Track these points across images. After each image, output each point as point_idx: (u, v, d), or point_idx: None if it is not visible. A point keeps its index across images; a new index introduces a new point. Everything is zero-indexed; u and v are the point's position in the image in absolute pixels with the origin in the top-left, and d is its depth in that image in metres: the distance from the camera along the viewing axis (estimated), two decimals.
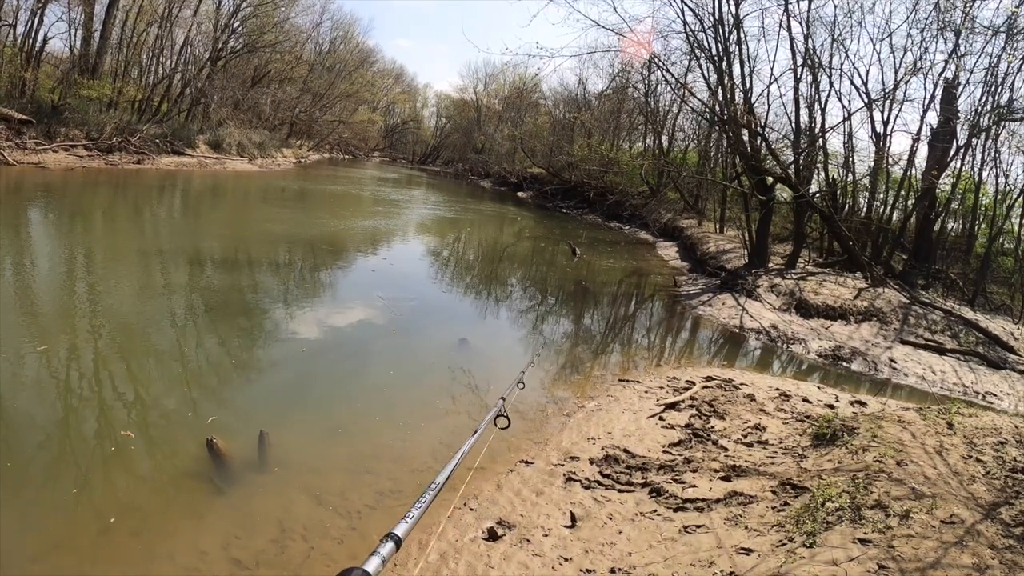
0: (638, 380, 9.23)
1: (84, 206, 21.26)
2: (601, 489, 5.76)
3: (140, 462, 6.04)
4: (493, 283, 17.13)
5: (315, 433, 6.87)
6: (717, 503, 5.26)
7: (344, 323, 11.13)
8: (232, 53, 43.94)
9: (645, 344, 12.41)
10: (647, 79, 31.84)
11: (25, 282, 11.97)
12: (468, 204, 38.99)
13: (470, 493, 5.79)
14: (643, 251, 23.81)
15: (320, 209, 28.14)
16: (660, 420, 7.50)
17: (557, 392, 8.77)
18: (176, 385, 7.90)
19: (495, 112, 72.32)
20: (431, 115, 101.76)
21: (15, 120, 28.13)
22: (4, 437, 6.30)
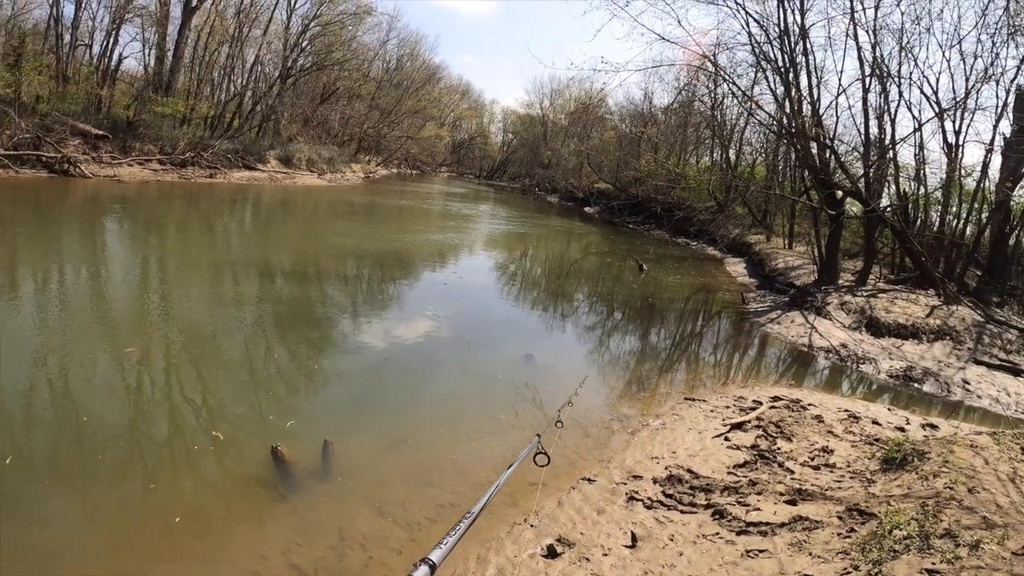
0: (704, 399, 9.12)
1: (158, 218, 21.89)
2: (663, 509, 5.70)
3: (207, 466, 6.20)
4: (560, 298, 17.13)
5: (379, 443, 6.96)
6: (781, 527, 5.16)
7: (412, 335, 11.26)
8: (301, 71, 45.00)
9: (712, 362, 12.24)
10: (713, 92, 31.50)
11: (103, 290, 12.39)
12: (535, 219, 39.11)
13: (531, 509, 5.78)
14: (710, 267, 23.55)
15: (389, 223, 28.53)
16: (726, 440, 7.40)
17: (622, 409, 8.73)
18: (245, 392, 8.11)
19: (561, 127, 72.43)
20: (498, 130, 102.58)
21: (92, 135, 29.19)
22: (78, 436, 6.53)
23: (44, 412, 7.03)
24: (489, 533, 5.40)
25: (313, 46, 44.56)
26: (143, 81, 37.86)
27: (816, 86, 18.63)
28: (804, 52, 18.09)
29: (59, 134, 27.63)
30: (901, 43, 18.32)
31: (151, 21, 37.30)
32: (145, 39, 39.04)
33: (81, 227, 18.82)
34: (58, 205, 21.82)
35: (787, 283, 18.58)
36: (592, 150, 51.29)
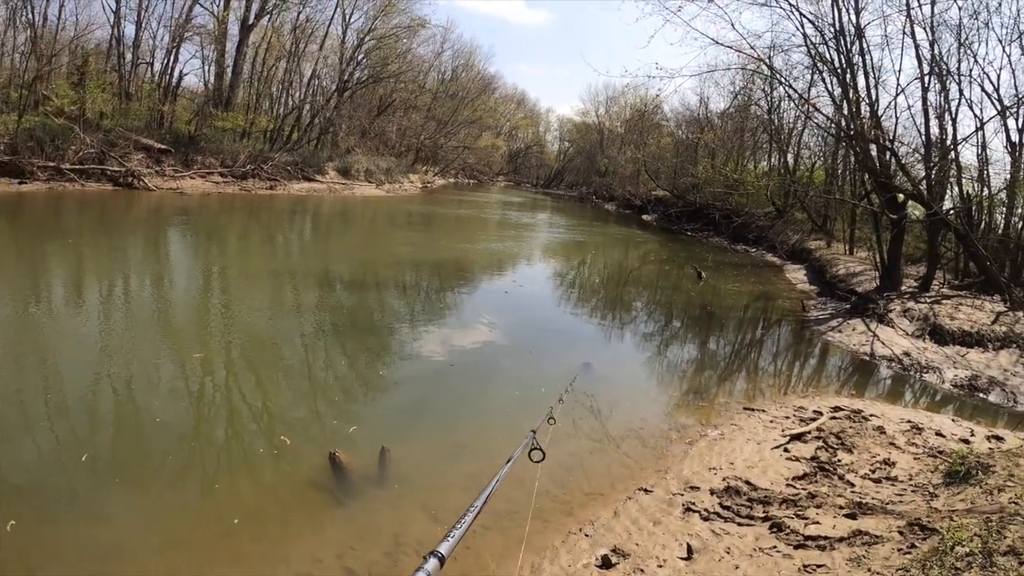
0: (763, 409, 9.00)
1: (220, 228, 22.41)
2: (720, 521, 5.64)
3: (267, 470, 6.35)
4: (618, 306, 17.12)
5: (437, 450, 7.02)
6: (840, 542, 5.05)
7: (471, 343, 11.36)
8: (358, 84, 45.72)
9: (771, 371, 12.06)
10: (769, 96, 31.06)
11: (169, 298, 12.80)
12: (593, 227, 39.05)
13: (586, 519, 5.78)
14: (769, 274, 23.23)
15: (447, 232, 28.79)
16: (785, 451, 7.29)
17: (680, 418, 8.65)
18: (305, 398, 8.28)
19: (617, 134, 72.12)
20: (554, 139, 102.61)
21: (155, 149, 30.06)
22: (146, 438, 6.74)
23: (114, 414, 7.33)
24: (544, 542, 5.42)
25: (369, 59, 45.23)
26: (203, 96, 38.95)
27: (874, 86, 18.22)
28: (860, 52, 17.73)
29: (123, 149, 28.52)
30: (959, 39, 17.80)
31: (210, 39, 38.48)
32: (204, 56, 40.30)
33: (146, 238, 19.37)
34: (123, 217, 22.48)
35: (848, 290, 18.17)
36: (649, 157, 51.06)
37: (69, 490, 5.68)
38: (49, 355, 8.89)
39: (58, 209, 22.03)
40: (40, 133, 25.74)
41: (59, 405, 7.31)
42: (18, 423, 6.83)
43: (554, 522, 5.76)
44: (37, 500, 5.52)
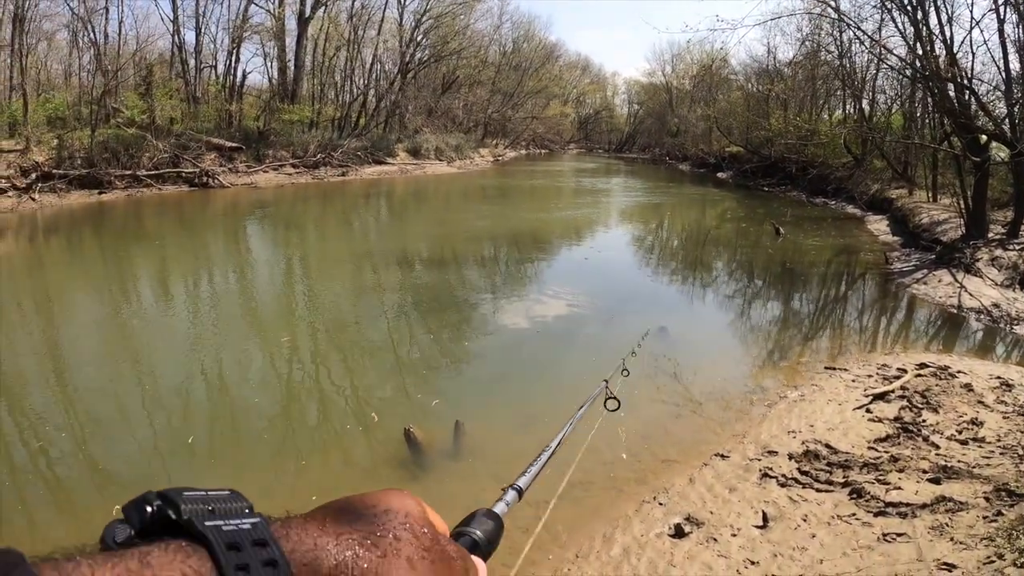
0: (845, 368, 8.68)
1: (296, 217, 22.91)
2: (798, 487, 5.48)
3: (344, 446, 6.55)
4: (696, 267, 16.93)
5: (510, 423, 7.03)
6: (922, 509, 4.85)
7: (548, 313, 11.38)
8: (420, 64, 46.06)
9: (854, 327, 11.65)
10: (838, 40, 29.93)
11: (252, 286, 13.37)
12: (668, 188, 38.52)
13: (661, 487, 5.70)
14: (850, 226, 22.51)
15: (522, 203, 28.89)
16: (867, 412, 7.02)
17: (759, 380, 8.44)
18: (386, 376, 8.52)
19: (686, 92, 70.76)
20: (622, 102, 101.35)
21: (226, 148, 30.83)
22: (235, 422, 7.03)
23: (207, 400, 7.74)
24: (616, 511, 5.36)
25: (428, 39, 45.45)
26: (269, 92, 39.75)
27: (947, 22, 17.15)
28: None
29: (195, 151, 29.36)
30: None
31: (269, 36, 39.34)
32: (266, 53, 41.20)
33: (226, 232, 20.01)
34: (202, 214, 23.17)
35: (932, 239, 17.37)
36: (719, 113, 49.89)
37: (165, 476, 5.97)
38: (145, 348, 9.47)
39: (139, 214, 22.76)
40: (114, 144, 26.62)
41: (157, 393, 7.77)
42: (120, 412, 7.26)
43: (627, 491, 5.71)
44: (136, 486, 5.73)
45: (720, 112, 50.07)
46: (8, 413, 7.38)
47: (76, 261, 16.00)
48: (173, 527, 0.49)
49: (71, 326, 10.64)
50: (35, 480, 5.97)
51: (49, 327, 10.53)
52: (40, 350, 9.43)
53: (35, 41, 30.90)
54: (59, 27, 33.35)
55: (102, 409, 7.37)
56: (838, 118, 35.97)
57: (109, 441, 6.62)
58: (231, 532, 0.50)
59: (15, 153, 24.48)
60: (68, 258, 16.33)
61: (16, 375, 8.49)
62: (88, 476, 6.02)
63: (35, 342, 9.79)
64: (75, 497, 5.72)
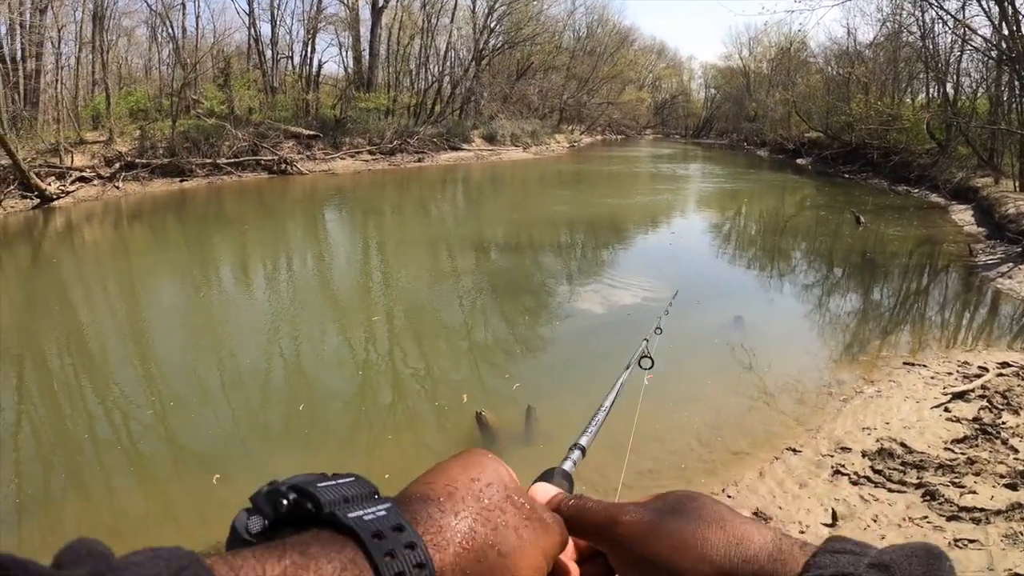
0: (924, 364, 8.45)
1: (373, 203, 23.39)
2: (870, 486, 5.40)
3: (423, 428, 6.76)
4: (774, 256, 16.69)
5: (581, 408, 7.01)
6: (997, 515, 4.73)
7: (620, 301, 11.40)
8: (494, 51, 46.29)
9: (935, 322, 11.30)
10: (920, 20, 28.97)
11: (332, 271, 13.74)
12: (746, 175, 37.98)
13: (730, 479, 5.71)
14: (933, 216, 21.81)
15: (598, 189, 28.93)
16: (945, 411, 6.85)
17: (835, 374, 8.29)
18: (461, 359, 8.66)
19: (764, 76, 69.42)
20: (699, 87, 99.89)
21: (304, 136, 31.61)
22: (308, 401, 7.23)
23: (285, 377, 8.13)
24: None
25: (502, 25, 45.43)
26: (345, 81, 40.41)
27: None
28: None
29: (273, 139, 30.20)
30: None
31: (343, 26, 40.10)
32: (340, 43, 41.97)
33: (304, 217, 20.56)
34: (280, 201, 23.81)
35: (1019, 231, 16.67)
36: (798, 98, 48.79)
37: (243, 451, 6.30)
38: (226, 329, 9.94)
39: (219, 200, 23.53)
40: (194, 134, 27.63)
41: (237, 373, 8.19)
42: (200, 389, 7.66)
43: (695, 482, 5.71)
44: (214, 461, 6.10)
45: (799, 96, 49.00)
46: (93, 389, 7.77)
47: (159, 245, 16.62)
48: (307, 517, 0.53)
49: (154, 308, 11.16)
50: (116, 452, 6.30)
51: (133, 309, 11.08)
52: (125, 330, 9.91)
53: (115, 37, 31.90)
54: (138, 23, 34.50)
55: (183, 387, 7.72)
56: (921, 102, 34.75)
57: (189, 417, 6.94)
58: (372, 521, 0.53)
59: (99, 144, 25.51)
60: (151, 243, 16.97)
61: (102, 354, 8.95)
62: (167, 450, 6.34)
63: (120, 323, 10.30)
64: (154, 470, 6.01)
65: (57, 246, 16.54)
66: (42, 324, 10.17)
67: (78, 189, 22.62)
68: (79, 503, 5.52)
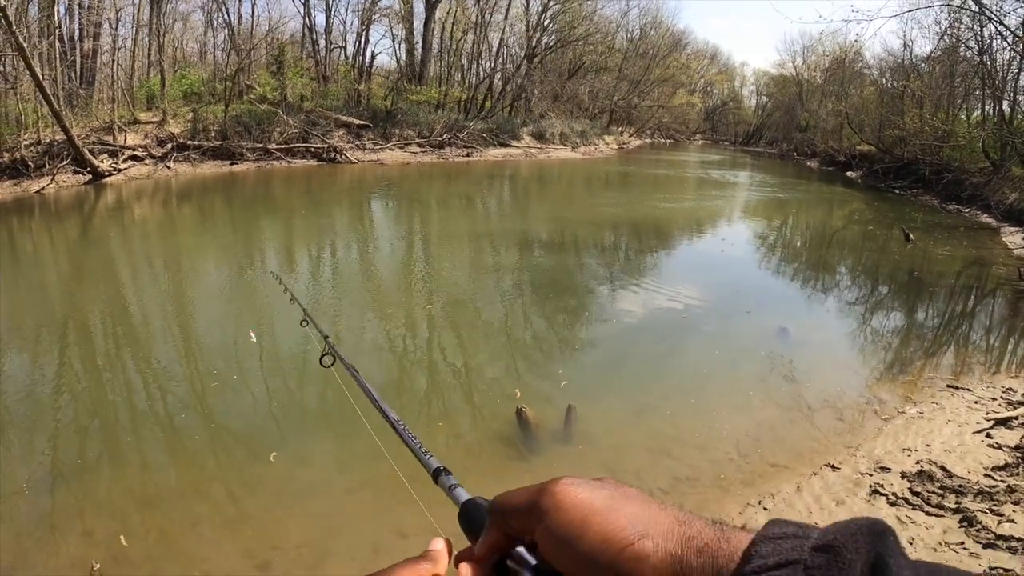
0: (968, 388, 8.38)
1: (421, 194, 23.66)
2: (907, 508, 5.41)
3: (460, 422, 6.83)
4: (820, 269, 16.60)
5: (624, 411, 7.18)
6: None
7: (662, 306, 11.46)
8: (546, 49, 46.48)
9: (981, 346, 11.14)
10: (979, 35, 28.39)
11: (373, 258, 13.93)
12: (796, 185, 37.70)
13: (767, 492, 5.73)
14: (983, 237, 21.45)
15: (646, 192, 29.02)
16: (987, 437, 6.80)
17: (877, 392, 8.25)
18: (501, 355, 8.75)
19: (817, 86, 68.58)
20: (750, 94, 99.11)
21: (354, 125, 32.05)
22: (344, 389, 7.43)
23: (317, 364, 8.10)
24: (719, 511, 5.39)
25: (555, 24, 45.65)
26: (397, 73, 40.94)
27: None
28: None
29: (324, 127, 30.67)
30: None
31: (397, 19, 40.78)
32: (394, 35, 42.76)
33: (351, 204, 20.93)
34: (328, 187, 24.30)
35: None
36: (851, 109, 48.16)
37: (278, 433, 6.42)
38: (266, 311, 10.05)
39: (268, 184, 24.05)
40: (246, 119, 28.27)
41: (275, 354, 8.34)
42: (239, 369, 7.84)
43: (733, 491, 5.76)
44: (249, 440, 6.30)
45: (852, 108, 48.38)
46: (134, 361, 8.00)
47: (205, 225, 17.04)
48: None
49: (196, 285, 11.50)
50: (152, 425, 6.51)
51: (176, 285, 11.40)
52: (168, 307, 10.21)
53: (171, 21, 32.74)
54: (194, 8, 35.46)
55: (222, 365, 7.93)
56: (976, 119, 34.14)
57: (224, 396, 7.14)
58: None
59: (152, 124, 26.11)
60: (198, 222, 17.40)
61: (145, 328, 9.22)
62: (202, 427, 6.53)
63: (164, 299, 10.60)
64: (187, 444, 6.20)
65: (106, 221, 17.01)
66: (87, 295, 10.56)
67: (130, 167, 23.22)
68: (113, 471, 5.73)
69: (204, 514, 5.17)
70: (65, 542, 4.76)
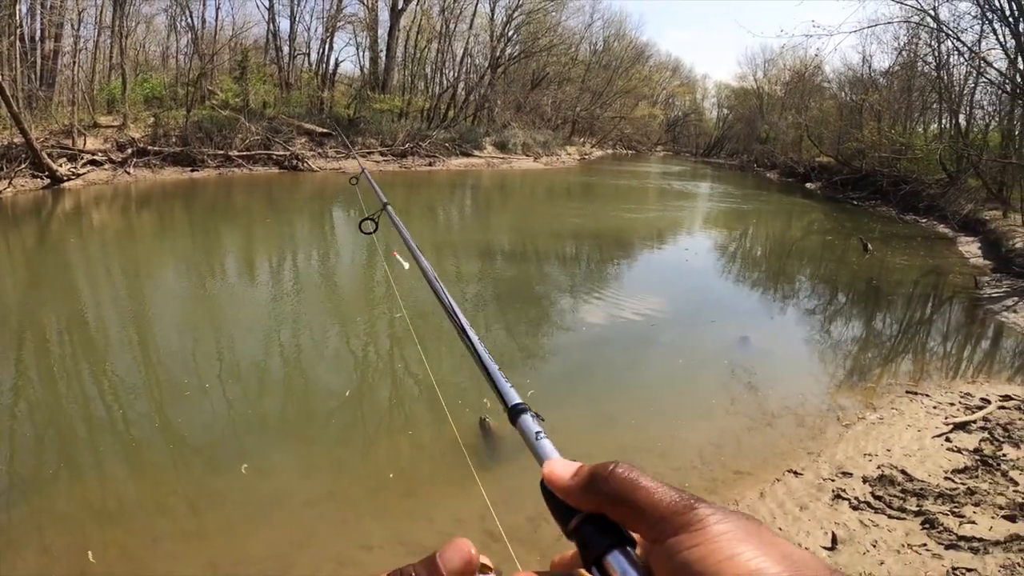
0: (927, 393, 8.47)
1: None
2: (870, 512, 5.44)
3: (422, 432, 6.72)
4: (780, 279, 16.77)
5: (586, 420, 7.15)
6: (995, 546, 4.76)
7: (624, 316, 11.41)
8: (510, 59, 46.72)
9: (938, 353, 11.29)
10: (936, 51, 28.96)
11: (334, 267, 13.84)
12: (756, 196, 38.19)
13: (731, 498, 5.72)
14: (940, 247, 21.83)
15: (608, 203, 29.16)
16: (946, 441, 6.88)
17: (838, 399, 8.30)
18: (460, 363, 8.56)
19: (777, 99, 69.57)
20: (712, 106, 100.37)
21: (316, 133, 31.91)
22: (307, 401, 7.34)
23: (283, 371, 8.22)
24: None
25: (519, 35, 45.98)
26: (360, 81, 40.78)
27: None
28: None
29: (286, 135, 30.49)
30: None
31: (362, 26, 40.68)
32: (358, 43, 42.50)
33: (312, 213, 20.83)
34: (289, 196, 24.17)
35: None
36: (811, 122, 48.89)
37: (237, 443, 6.30)
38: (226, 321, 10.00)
39: (228, 192, 23.79)
40: (208, 125, 28.00)
41: (235, 364, 8.23)
42: (197, 379, 7.65)
43: None
44: (209, 450, 6.16)
45: (811, 120, 49.12)
46: (91, 372, 7.83)
47: (165, 233, 16.78)
48: None
49: (156, 294, 11.31)
50: (111, 438, 6.34)
51: (135, 294, 11.22)
52: (125, 315, 10.01)
53: (134, 24, 32.23)
54: (158, 11, 34.97)
55: (180, 375, 7.78)
56: (933, 133, 34.85)
57: (185, 406, 6.97)
58: None
59: (113, 128, 25.70)
60: (158, 230, 17.14)
61: (102, 338, 9.02)
62: (161, 438, 6.36)
63: (122, 308, 10.41)
64: (147, 457, 6.04)
65: (64, 227, 16.70)
66: (44, 303, 10.35)
67: (89, 172, 22.80)
68: (70, 485, 5.55)
69: (166, 529, 5.04)
70: (22, 559, 4.62)
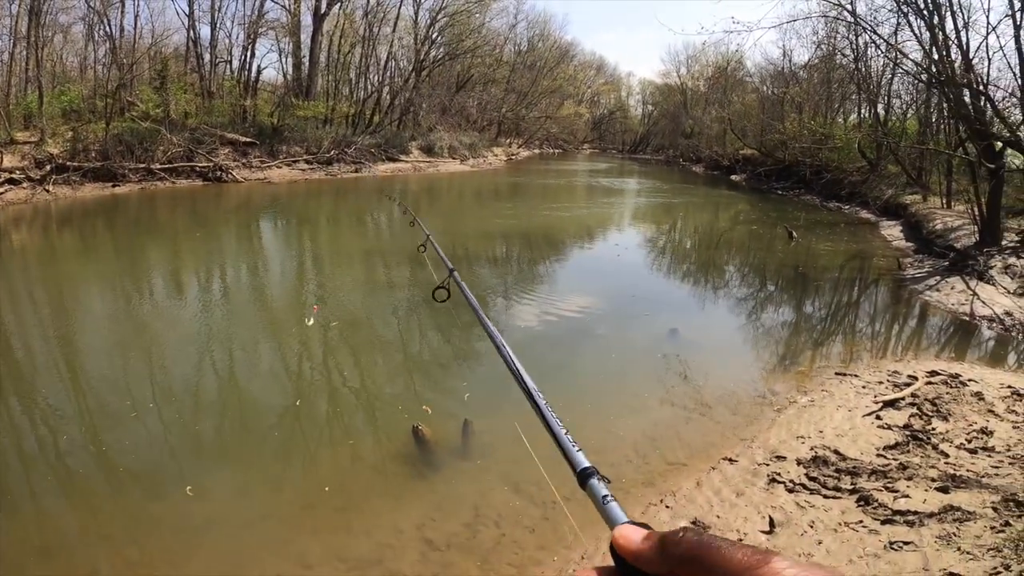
0: (856, 374, 8.63)
1: (308, 213, 23.20)
2: (805, 493, 5.47)
3: (360, 443, 6.61)
4: (708, 270, 16.98)
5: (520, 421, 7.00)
6: (930, 518, 4.83)
7: (556, 314, 11.41)
8: (434, 62, 46.54)
9: (866, 334, 11.57)
10: (854, 44, 29.70)
11: (263, 280, 13.55)
12: (682, 190, 38.76)
13: (668, 490, 5.73)
14: (864, 232, 22.40)
15: (536, 202, 29.26)
16: (876, 419, 6.99)
17: (769, 384, 8.40)
18: (394, 373, 8.55)
19: (701, 94, 70.67)
20: (636, 103, 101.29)
21: (240, 143, 31.32)
22: (243, 419, 7.14)
23: (217, 390, 7.98)
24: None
25: (443, 37, 45.84)
26: (283, 88, 40.17)
27: (963, 27, 16.90)
28: None
29: (209, 145, 29.78)
30: None
31: (284, 32, 39.93)
32: (281, 49, 41.77)
33: (238, 225, 20.34)
34: (214, 208, 23.53)
35: (946, 246, 17.11)
36: (734, 115, 49.73)
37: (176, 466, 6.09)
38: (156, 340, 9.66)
39: (152, 207, 23.10)
40: (128, 138, 27.10)
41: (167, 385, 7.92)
42: (130, 402, 7.35)
43: (634, 493, 5.72)
44: (147, 477, 5.92)
45: (734, 114, 49.98)
46: (19, 402, 7.47)
47: (89, 253, 16.19)
48: None
49: (82, 317, 10.83)
50: (44, 469, 6.04)
51: (61, 317, 10.71)
52: (51, 340, 9.55)
53: (51, 34, 31.18)
54: (75, 20, 33.82)
55: (112, 400, 7.46)
56: (853, 122, 35.77)
57: (119, 432, 6.68)
58: None
59: (30, 145, 24.75)
60: (81, 249, 16.52)
61: (28, 364, 8.59)
62: (97, 466, 6.09)
63: (47, 332, 9.93)
64: (84, 486, 5.78)
65: None
66: None
67: (6, 192, 21.91)
68: (6, 522, 5.24)
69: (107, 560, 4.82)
70: None
